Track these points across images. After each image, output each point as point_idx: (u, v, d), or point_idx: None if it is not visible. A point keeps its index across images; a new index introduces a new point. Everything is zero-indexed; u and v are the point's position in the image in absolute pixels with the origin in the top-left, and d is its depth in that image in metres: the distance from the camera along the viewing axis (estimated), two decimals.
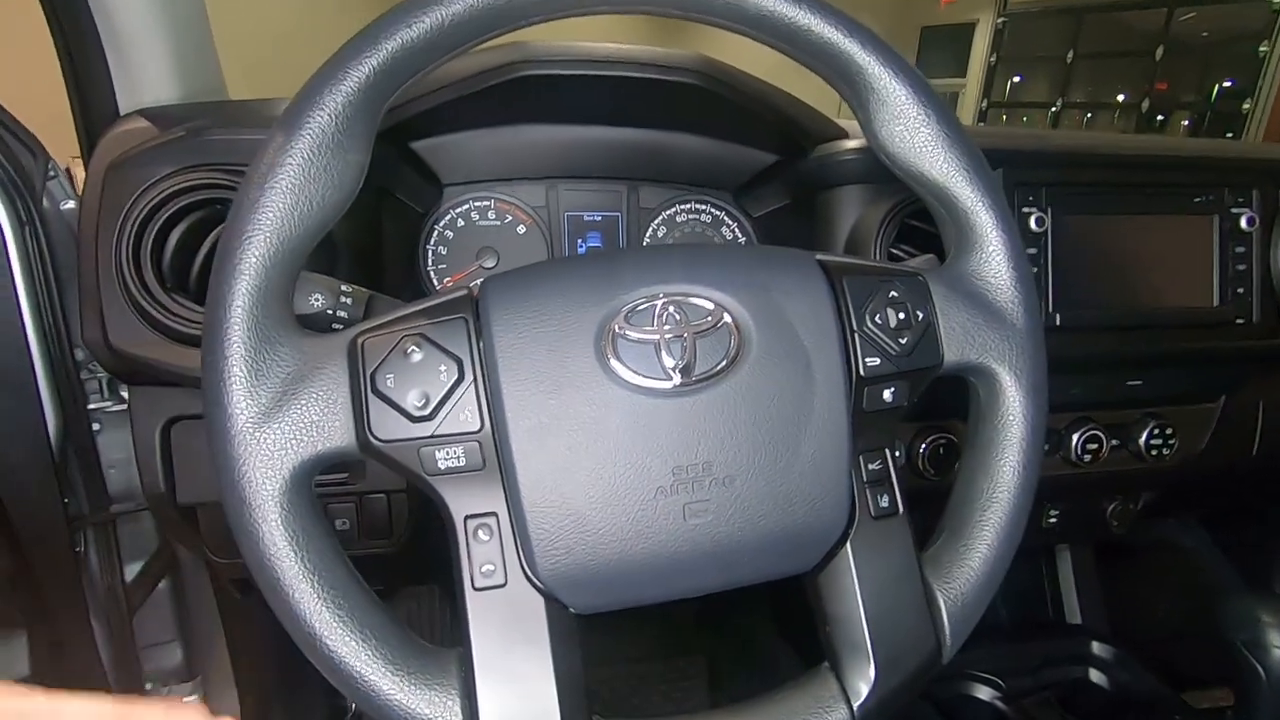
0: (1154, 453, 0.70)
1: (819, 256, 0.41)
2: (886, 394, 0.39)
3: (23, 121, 0.66)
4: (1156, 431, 0.70)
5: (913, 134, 0.41)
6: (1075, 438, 0.69)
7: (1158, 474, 0.73)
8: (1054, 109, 5.67)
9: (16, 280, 0.66)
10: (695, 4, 0.40)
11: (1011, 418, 0.41)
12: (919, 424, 0.66)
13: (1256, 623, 0.54)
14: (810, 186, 0.68)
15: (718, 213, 0.75)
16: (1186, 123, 5.03)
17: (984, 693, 0.77)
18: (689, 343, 0.36)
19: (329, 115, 0.35)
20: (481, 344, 0.35)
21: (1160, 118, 5.10)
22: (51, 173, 0.69)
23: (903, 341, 0.39)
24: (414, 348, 0.34)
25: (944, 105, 0.42)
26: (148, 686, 0.89)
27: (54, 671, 0.77)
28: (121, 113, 0.59)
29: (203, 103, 0.60)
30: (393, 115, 0.59)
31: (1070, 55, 5.53)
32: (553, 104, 0.66)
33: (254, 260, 0.33)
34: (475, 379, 0.35)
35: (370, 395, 0.34)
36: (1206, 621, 0.92)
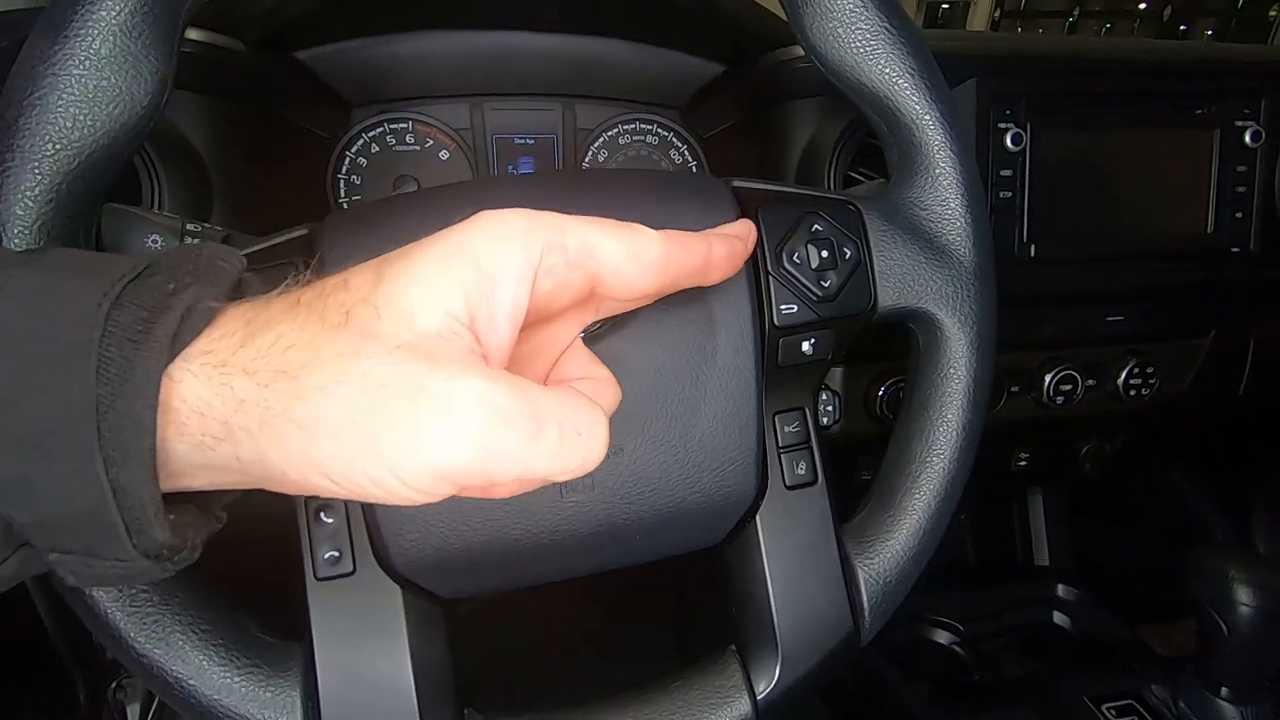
0: (1132, 393, 0.65)
1: (735, 183, 0.35)
2: (806, 345, 0.34)
3: None
4: (1136, 371, 0.65)
5: (848, 31, 0.34)
6: (1048, 378, 0.64)
7: (1136, 415, 0.69)
8: (1071, 18, 5.33)
9: None
10: None
11: (953, 370, 0.35)
12: (877, 367, 0.61)
13: (1224, 579, 0.51)
14: (762, 101, 0.60)
15: (664, 133, 0.67)
16: (1211, 31, 4.74)
17: (942, 637, 0.75)
18: None
19: (109, 13, 0.28)
20: None
21: (1183, 26, 4.80)
22: None
23: (826, 285, 0.34)
24: None
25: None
26: None
27: None
28: None
29: (37, 8, 0.52)
30: (270, 20, 0.51)
31: None
32: (471, 5, 0.58)
33: (20, 198, 0.27)
34: None
35: None
36: (1178, 557, 0.90)
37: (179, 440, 0.20)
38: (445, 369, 0.20)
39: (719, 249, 0.27)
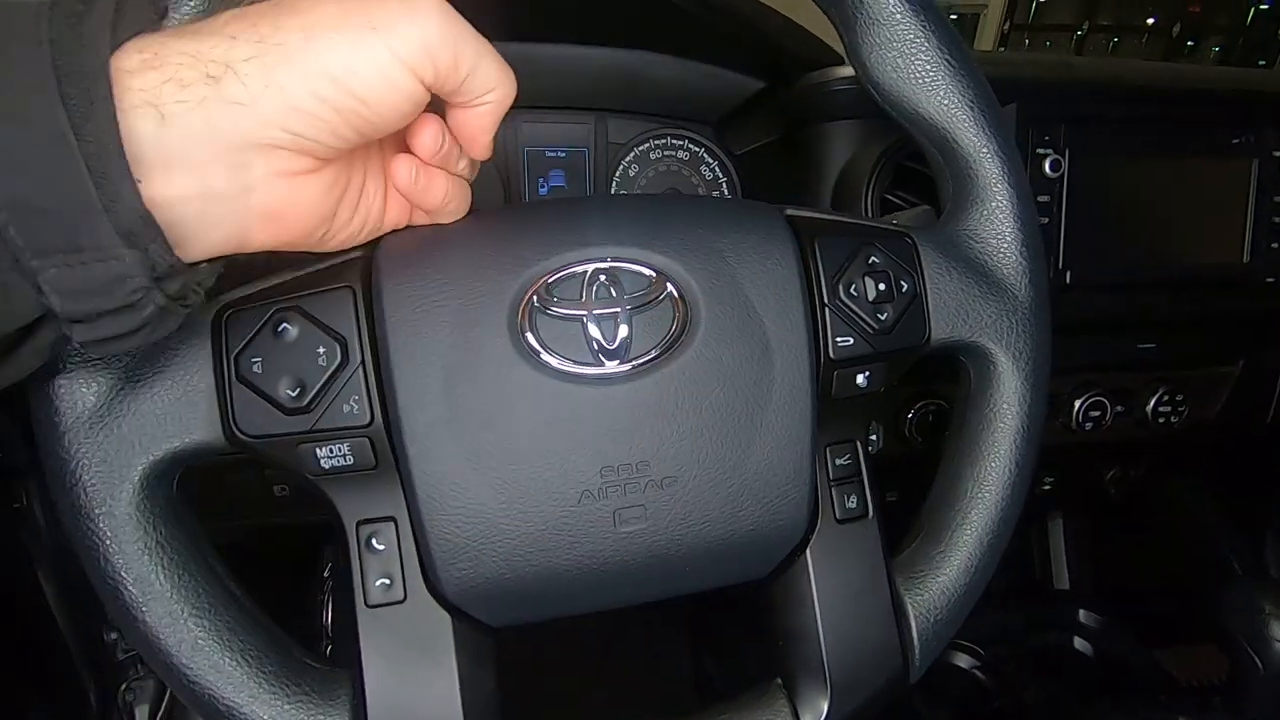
0: (1161, 420, 0.65)
1: (789, 211, 0.35)
2: (860, 378, 0.33)
3: None
4: (1166, 398, 0.65)
5: (908, 62, 0.34)
6: (1077, 404, 0.64)
7: (1163, 441, 0.68)
8: (1079, 33, 5.36)
9: None
10: None
11: (1006, 406, 0.35)
12: (906, 390, 0.61)
13: (1259, 613, 0.50)
14: (798, 120, 0.60)
15: (696, 149, 0.67)
16: (1218, 48, 4.76)
17: (963, 660, 0.74)
18: (624, 319, 0.30)
19: None
20: (371, 319, 0.29)
21: (1190, 42, 4.82)
22: None
23: (883, 317, 0.33)
24: (286, 324, 0.28)
25: (949, 28, 0.35)
26: (110, 637, 0.87)
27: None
28: None
29: None
30: None
31: None
32: (505, 16, 0.58)
33: None
34: (362, 362, 0.29)
35: (234, 382, 0.28)
36: (1198, 582, 0.90)
37: (176, 95, 0.21)
38: None
39: None
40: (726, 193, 0.68)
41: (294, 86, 0.23)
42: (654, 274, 0.31)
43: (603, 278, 0.30)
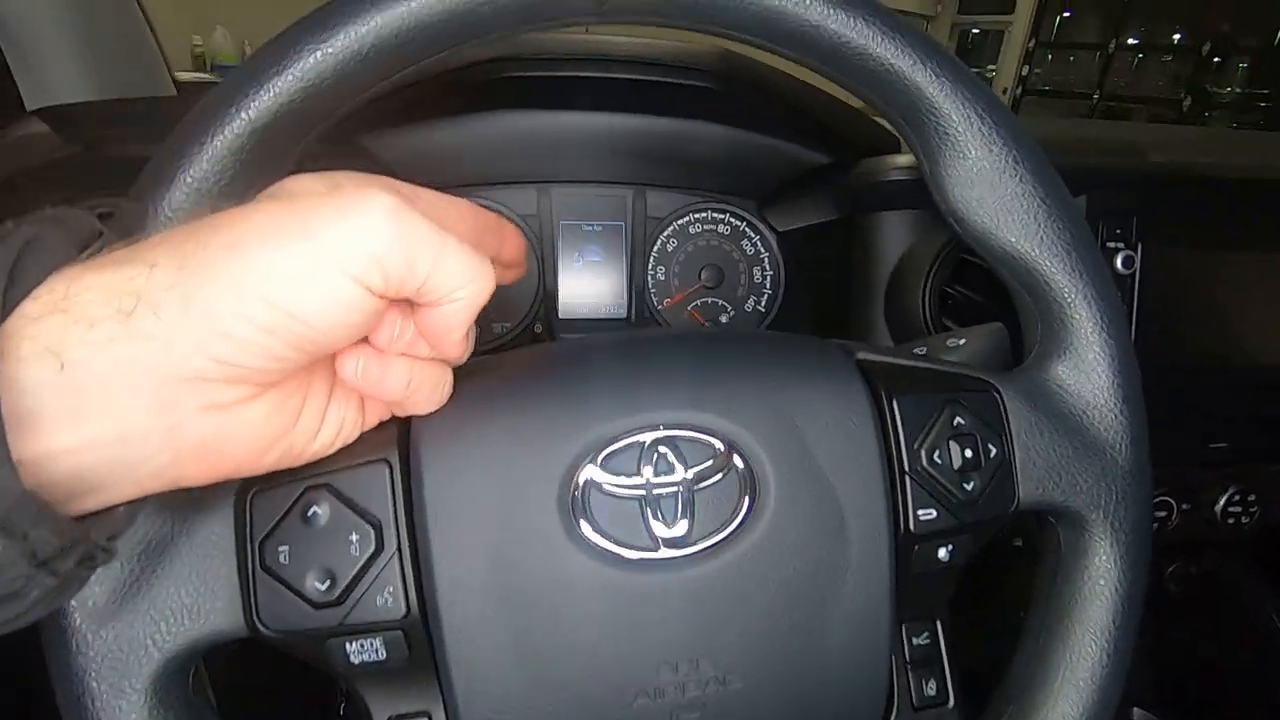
0: (1231, 520, 0.61)
1: (860, 355, 0.31)
2: (942, 552, 0.30)
3: None
4: (1236, 497, 0.61)
5: (998, 198, 0.31)
6: None
7: (1230, 541, 0.64)
8: (1106, 51, 5.26)
9: None
10: (707, 11, 0.29)
11: (1103, 583, 0.32)
12: None
13: None
14: (850, 205, 0.57)
15: (738, 223, 0.64)
16: (1244, 66, 4.66)
17: None
18: (686, 497, 0.27)
19: (201, 172, 0.26)
20: (409, 498, 0.26)
21: (1217, 59, 4.73)
22: None
23: (969, 487, 0.30)
24: (316, 508, 0.26)
25: (1042, 160, 0.32)
26: None
27: None
28: (29, 110, 0.50)
29: (113, 101, 0.50)
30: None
31: None
32: (544, 89, 0.55)
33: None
34: (398, 549, 0.26)
35: (258, 573, 0.25)
36: (1256, 672, 0.85)
37: (82, 337, 0.19)
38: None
39: None
40: (768, 268, 0.65)
41: (218, 309, 0.20)
42: (719, 445, 0.28)
43: (663, 448, 0.27)
